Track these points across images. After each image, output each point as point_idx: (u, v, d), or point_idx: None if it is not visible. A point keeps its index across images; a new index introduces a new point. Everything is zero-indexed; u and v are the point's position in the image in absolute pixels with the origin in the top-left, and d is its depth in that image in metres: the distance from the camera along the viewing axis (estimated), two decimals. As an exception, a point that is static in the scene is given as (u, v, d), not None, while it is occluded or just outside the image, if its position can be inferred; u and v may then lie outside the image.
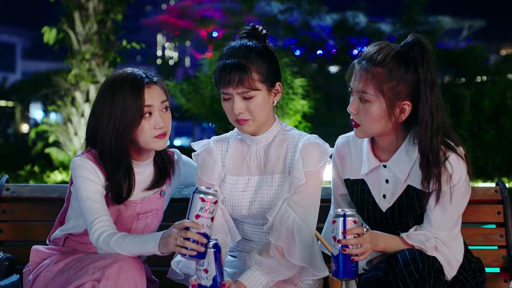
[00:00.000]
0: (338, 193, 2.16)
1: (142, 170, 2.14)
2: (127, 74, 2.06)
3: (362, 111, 1.92)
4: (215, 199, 1.73)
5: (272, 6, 13.06)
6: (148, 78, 2.05)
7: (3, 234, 2.44)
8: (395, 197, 2.00)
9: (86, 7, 7.29)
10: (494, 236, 2.37)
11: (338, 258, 1.79)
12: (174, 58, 32.71)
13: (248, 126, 2.01)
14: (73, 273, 1.92)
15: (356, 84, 1.92)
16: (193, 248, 1.72)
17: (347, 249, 1.77)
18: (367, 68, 1.90)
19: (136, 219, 2.15)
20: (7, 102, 23.78)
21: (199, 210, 1.73)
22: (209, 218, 1.72)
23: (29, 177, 7.85)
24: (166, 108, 2.08)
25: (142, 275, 1.90)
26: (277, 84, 2.05)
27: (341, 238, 1.77)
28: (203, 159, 2.11)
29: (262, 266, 1.92)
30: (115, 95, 2.01)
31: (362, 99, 1.91)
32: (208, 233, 1.73)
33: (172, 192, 2.30)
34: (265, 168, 2.06)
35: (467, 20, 23.65)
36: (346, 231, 1.77)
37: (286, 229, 1.94)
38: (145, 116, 2.02)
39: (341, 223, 1.78)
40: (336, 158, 2.14)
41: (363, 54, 1.95)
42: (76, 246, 2.15)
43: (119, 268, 1.86)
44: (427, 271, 1.79)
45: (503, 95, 8.55)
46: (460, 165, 1.91)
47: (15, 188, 2.47)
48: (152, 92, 2.04)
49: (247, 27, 2.09)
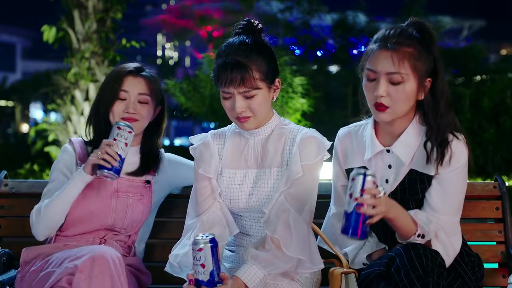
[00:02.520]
0: (339, 184, 2.17)
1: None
2: (124, 64, 2.30)
3: (392, 92, 1.93)
4: (129, 129, 2.08)
5: (272, 5, 13.05)
6: (136, 69, 2.25)
7: (2, 230, 2.44)
8: (398, 181, 2.02)
9: (85, 6, 7.28)
10: (493, 231, 2.37)
11: (351, 215, 1.76)
12: (174, 58, 32.76)
13: (249, 123, 2.02)
14: (52, 271, 1.95)
15: (386, 66, 1.92)
16: (108, 160, 2.03)
17: (362, 207, 1.75)
18: (398, 48, 1.91)
19: (115, 195, 2.20)
20: (7, 102, 23.81)
21: (116, 135, 2.08)
22: (123, 143, 2.07)
23: (29, 176, 7.85)
24: (144, 102, 2.22)
25: (118, 267, 1.90)
26: (276, 80, 2.05)
27: (358, 196, 1.75)
28: (200, 152, 2.11)
29: (259, 259, 1.92)
30: (105, 78, 2.30)
31: (392, 81, 1.92)
32: (122, 154, 2.07)
33: (162, 187, 2.33)
34: (263, 162, 2.06)
35: (467, 20, 23.67)
36: (364, 190, 1.75)
37: (282, 222, 1.94)
38: (119, 100, 2.21)
39: (361, 181, 1.76)
40: (338, 148, 2.16)
41: (382, 37, 1.96)
42: (65, 241, 2.17)
43: (93, 261, 1.87)
44: (430, 266, 1.78)
45: (502, 94, 8.55)
46: (463, 149, 1.97)
47: (13, 184, 2.48)
48: (133, 81, 2.23)
49: (243, 21, 2.08)
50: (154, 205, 2.33)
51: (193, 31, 17.15)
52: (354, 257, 2.08)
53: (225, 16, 14.55)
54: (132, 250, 2.26)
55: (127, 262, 2.16)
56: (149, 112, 2.25)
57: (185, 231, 2.09)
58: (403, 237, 1.93)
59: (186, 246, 2.01)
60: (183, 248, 2.02)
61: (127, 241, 2.25)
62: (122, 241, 2.24)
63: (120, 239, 2.24)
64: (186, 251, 1.98)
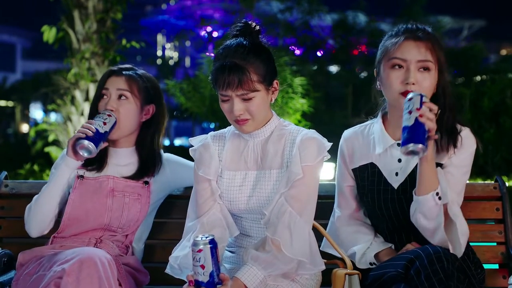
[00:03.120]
0: (345, 184, 2.20)
1: (118, 154, 2.31)
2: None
3: (421, 80, 2.01)
4: (109, 112, 2.21)
5: (272, 5, 13.05)
6: (119, 69, 2.33)
7: (2, 231, 2.45)
8: (407, 172, 2.07)
9: (85, 6, 7.28)
10: (493, 232, 2.37)
11: (413, 127, 1.84)
12: (174, 58, 32.75)
13: (248, 126, 2.02)
14: (42, 274, 1.96)
15: (417, 55, 2.02)
16: (82, 132, 2.12)
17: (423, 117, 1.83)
18: (427, 38, 2.04)
19: (111, 195, 2.22)
20: (7, 102, 23.81)
21: (95, 118, 2.21)
22: (101, 121, 2.18)
23: (29, 176, 7.85)
24: (124, 97, 2.26)
25: (107, 269, 1.90)
26: (274, 82, 2.05)
27: (418, 106, 1.84)
28: (200, 154, 2.11)
29: (259, 261, 1.92)
30: None
31: (424, 66, 2.02)
32: (100, 130, 2.16)
33: (161, 188, 2.34)
34: (263, 163, 2.06)
35: (467, 20, 23.69)
36: (425, 103, 1.86)
37: (283, 223, 1.94)
38: (103, 97, 2.29)
39: (419, 99, 1.87)
40: (344, 149, 2.20)
41: (407, 30, 2.07)
42: (62, 242, 2.18)
43: (81, 263, 1.87)
44: (451, 270, 1.79)
45: (502, 94, 8.56)
46: (472, 137, 2.07)
47: (13, 184, 2.48)
48: (114, 79, 2.29)
49: (240, 23, 2.08)
50: (153, 205, 2.33)
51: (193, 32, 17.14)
52: (362, 256, 2.09)
53: (225, 16, 14.54)
54: (130, 250, 2.26)
55: (124, 261, 2.17)
56: (130, 110, 2.26)
57: (185, 233, 2.09)
58: (424, 190, 1.94)
59: (186, 248, 2.01)
60: (183, 250, 2.02)
61: (124, 241, 2.25)
62: (119, 241, 2.24)
63: (117, 239, 2.24)
64: (186, 252, 1.98)
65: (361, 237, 2.14)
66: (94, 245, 2.18)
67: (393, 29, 2.13)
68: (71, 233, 2.20)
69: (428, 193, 1.92)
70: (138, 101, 2.28)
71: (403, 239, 2.08)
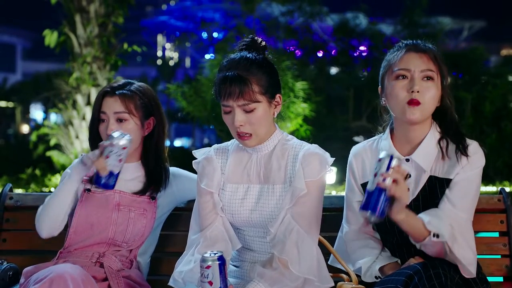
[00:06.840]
0: (354, 200, 2.19)
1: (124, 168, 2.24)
2: (110, 83, 2.34)
3: (424, 89, 2.03)
4: (124, 145, 2.10)
5: (273, 8, 13.04)
6: (111, 89, 2.26)
7: (7, 244, 2.44)
8: (418, 188, 2.07)
9: (87, 10, 7.29)
10: (497, 245, 2.37)
11: (372, 193, 1.81)
12: (175, 59, 32.72)
13: (251, 141, 2.02)
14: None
15: (420, 65, 2.04)
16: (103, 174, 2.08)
17: (384, 183, 1.79)
18: (429, 50, 2.08)
19: (117, 209, 2.23)
20: (7, 102, 23.81)
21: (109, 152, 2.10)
22: (117, 159, 2.10)
23: (31, 181, 7.85)
24: (123, 119, 2.23)
25: (80, 285, 1.89)
26: (277, 96, 2.05)
27: (383, 172, 1.81)
28: (203, 166, 2.12)
29: (265, 277, 1.92)
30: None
31: (427, 76, 2.04)
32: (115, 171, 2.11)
33: (167, 202, 2.34)
34: (266, 178, 2.06)
35: (467, 21, 23.68)
36: (390, 167, 1.82)
37: (290, 241, 1.94)
38: (102, 121, 2.25)
39: (387, 161, 1.82)
40: (353, 164, 2.20)
41: (409, 44, 2.10)
42: (66, 257, 2.19)
43: (51, 282, 1.87)
44: (449, 286, 1.80)
45: (504, 98, 8.56)
46: (481, 151, 2.07)
47: (18, 197, 2.48)
48: (109, 101, 2.24)
49: (246, 39, 2.09)
50: (159, 219, 2.33)
51: (193, 33, 17.14)
52: (367, 269, 2.09)
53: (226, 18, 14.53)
54: (134, 264, 2.26)
55: (124, 274, 2.17)
56: (131, 130, 2.23)
57: (188, 246, 2.09)
58: (417, 240, 1.95)
59: (190, 262, 2.01)
60: (188, 264, 2.02)
61: (129, 255, 2.25)
62: (123, 256, 2.24)
63: (122, 254, 2.24)
64: (192, 267, 1.98)
65: (368, 251, 2.14)
66: (97, 259, 2.19)
67: (398, 44, 2.15)
68: (76, 247, 2.20)
69: (424, 239, 1.94)
70: (138, 119, 2.26)
71: (412, 253, 2.08)
